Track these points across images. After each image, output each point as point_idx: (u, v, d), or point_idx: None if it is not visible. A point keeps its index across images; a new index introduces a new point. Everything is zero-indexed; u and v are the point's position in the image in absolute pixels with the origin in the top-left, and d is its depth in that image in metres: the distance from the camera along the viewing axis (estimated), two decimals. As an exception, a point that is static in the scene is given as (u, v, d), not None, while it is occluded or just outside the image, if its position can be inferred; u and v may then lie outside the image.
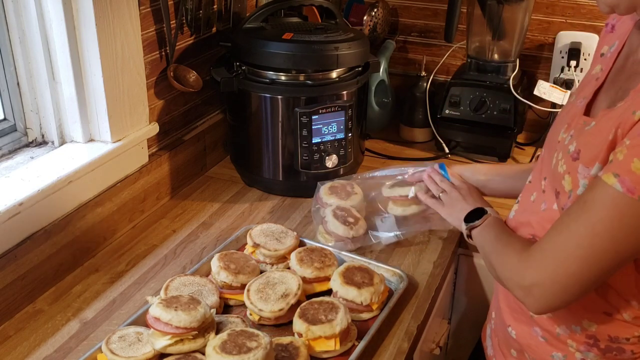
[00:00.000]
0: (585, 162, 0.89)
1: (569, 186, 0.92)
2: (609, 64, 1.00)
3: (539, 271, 0.90)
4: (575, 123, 0.97)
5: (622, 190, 0.80)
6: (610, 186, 0.82)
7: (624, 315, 0.95)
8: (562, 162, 0.94)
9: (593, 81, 1.01)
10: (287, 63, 1.48)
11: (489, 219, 1.12)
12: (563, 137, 0.98)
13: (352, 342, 1.11)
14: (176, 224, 1.49)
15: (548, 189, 1.02)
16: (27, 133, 1.36)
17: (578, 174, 0.91)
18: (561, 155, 0.96)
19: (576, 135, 0.94)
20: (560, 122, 1.03)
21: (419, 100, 1.92)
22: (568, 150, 0.93)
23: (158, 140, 1.55)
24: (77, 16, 1.26)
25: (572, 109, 1.02)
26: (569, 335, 0.99)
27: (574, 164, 0.91)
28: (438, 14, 1.99)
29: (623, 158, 0.81)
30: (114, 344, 1.03)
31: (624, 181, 0.80)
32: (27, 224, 1.20)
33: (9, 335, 1.14)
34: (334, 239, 1.36)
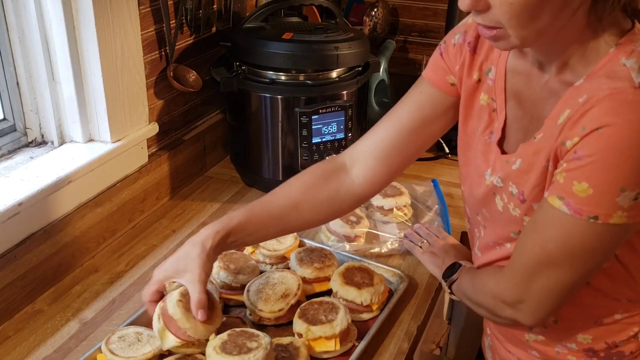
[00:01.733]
0: (534, 199, 0.89)
1: None
2: (500, 95, 0.97)
3: (517, 288, 0.91)
4: (498, 165, 0.95)
5: (570, 212, 0.81)
6: (557, 208, 0.82)
7: (616, 315, 0.95)
8: (512, 206, 0.93)
9: (491, 113, 0.98)
10: (287, 63, 1.48)
11: (464, 269, 1.12)
12: (491, 181, 0.97)
13: (352, 343, 1.11)
14: (176, 224, 1.49)
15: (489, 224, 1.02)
16: (27, 133, 1.35)
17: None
18: (506, 198, 0.94)
19: (506, 176, 0.93)
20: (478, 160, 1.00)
21: (419, 100, 1.91)
22: (511, 193, 0.93)
23: (158, 140, 1.55)
24: (77, 16, 1.26)
25: (482, 146, 0.99)
26: (567, 352, 0.99)
27: (525, 205, 0.91)
28: (438, 14, 1.99)
29: (564, 181, 0.81)
30: (114, 344, 1.03)
31: (569, 204, 0.81)
32: (27, 224, 1.19)
33: (9, 336, 1.14)
34: (335, 238, 1.36)
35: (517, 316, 0.93)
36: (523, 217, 0.92)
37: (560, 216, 0.82)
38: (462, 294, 1.10)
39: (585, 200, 0.79)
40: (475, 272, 1.08)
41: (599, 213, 0.79)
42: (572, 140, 0.79)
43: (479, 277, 1.03)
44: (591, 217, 0.79)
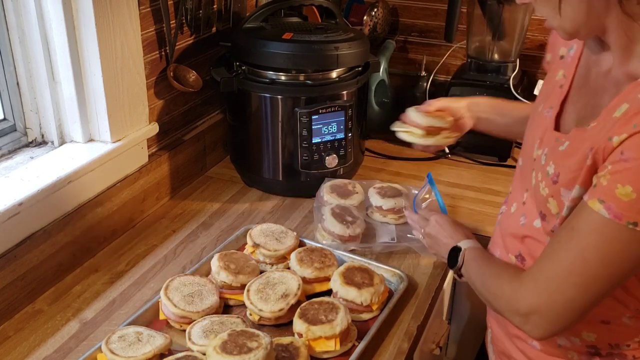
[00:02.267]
0: (565, 185, 0.89)
1: (555, 209, 0.92)
2: (571, 70, 0.98)
3: (534, 300, 0.90)
4: (547, 139, 0.96)
5: (609, 216, 0.80)
6: (596, 212, 0.81)
7: (624, 319, 0.95)
8: (543, 185, 0.94)
9: (557, 88, 1.00)
10: (287, 63, 1.48)
11: (466, 255, 1.10)
12: (538, 154, 0.97)
13: (352, 343, 1.11)
14: (176, 224, 1.49)
15: (529, 202, 1.01)
16: (27, 133, 1.36)
17: (562, 197, 0.90)
18: (540, 176, 0.95)
19: (551, 154, 0.93)
20: (532, 133, 1.02)
21: (419, 100, 1.91)
22: (547, 172, 0.93)
23: (158, 140, 1.55)
24: (77, 16, 1.26)
25: (541, 120, 1.00)
26: (569, 346, 0.99)
27: (555, 187, 0.91)
28: (438, 14, 1.99)
29: (607, 184, 0.80)
30: (114, 344, 1.03)
31: (609, 207, 0.80)
32: (27, 224, 1.19)
33: (9, 336, 1.14)
34: (330, 237, 1.36)
35: (526, 328, 0.92)
36: (548, 198, 0.92)
37: (599, 221, 0.81)
38: (471, 282, 1.09)
39: (627, 205, 0.78)
40: (485, 264, 1.06)
41: (638, 219, 0.78)
42: (620, 137, 0.78)
43: (492, 278, 1.01)
44: (630, 223, 0.79)
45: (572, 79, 0.98)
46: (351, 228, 1.36)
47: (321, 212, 1.41)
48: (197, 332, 1.08)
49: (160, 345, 1.04)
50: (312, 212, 1.52)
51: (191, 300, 1.13)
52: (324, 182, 1.51)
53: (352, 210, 1.41)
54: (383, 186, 1.50)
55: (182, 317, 1.12)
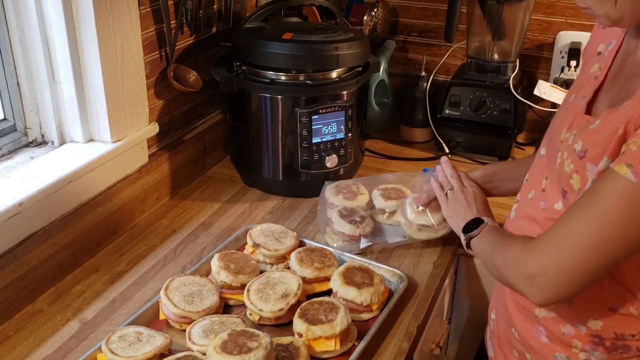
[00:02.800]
0: (592, 159, 0.89)
1: (578, 185, 0.92)
2: (608, 62, 0.99)
3: (543, 260, 0.89)
4: (577, 123, 0.97)
5: (635, 180, 0.80)
6: (622, 176, 0.82)
7: (631, 309, 0.95)
8: (568, 162, 0.94)
9: (592, 80, 1.01)
10: (287, 63, 1.48)
11: (486, 228, 1.11)
12: (566, 136, 0.98)
13: (352, 343, 1.11)
14: (176, 224, 1.49)
15: (550, 188, 1.01)
16: (27, 133, 1.36)
17: (587, 172, 0.91)
18: (567, 154, 0.95)
19: (579, 134, 0.94)
20: (561, 121, 1.03)
21: (419, 100, 1.92)
22: (574, 149, 0.93)
23: (158, 140, 1.55)
24: (77, 16, 1.26)
25: (572, 108, 1.01)
26: (574, 334, 0.99)
27: (581, 163, 0.91)
28: (438, 14, 1.99)
29: (637, 149, 0.81)
30: (114, 344, 1.03)
31: (637, 171, 0.80)
32: (27, 224, 1.19)
33: (9, 335, 1.14)
34: (340, 239, 1.36)
35: (530, 291, 0.91)
36: (572, 174, 0.92)
37: (624, 184, 0.81)
38: (480, 252, 1.09)
39: None
40: (502, 235, 1.07)
41: None
42: None
43: (505, 242, 1.02)
44: None
45: (607, 71, 0.99)
46: (361, 227, 1.36)
47: (327, 216, 1.41)
48: (197, 332, 1.08)
49: (161, 345, 1.04)
50: (312, 212, 1.52)
51: (191, 300, 1.13)
52: (326, 185, 1.49)
53: (358, 210, 1.40)
54: (387, 187, 1.48)
55: (182, 317, 1.12)
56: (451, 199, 1.26)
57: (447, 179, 1.30)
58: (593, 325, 0.97)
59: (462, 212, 1.21)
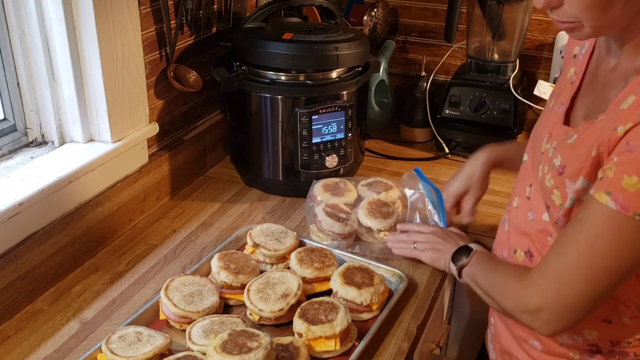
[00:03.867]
0: (570, 176, 0.89)
1: (559, 200, 0.92)
2: (582, 67, 0.99)
3: (543, 295, 0.90)
4: (556, 133, 0.97)
5: (616, 208, 0.80)
6: (603, 204, 0.82)
7: (624, 319, 0.95)
8: (549, 177, 0.94)
9: (569, 85, 1.01)
10: (287, 63, 1.48)
11: (476, 255, 1.11)
12: (546, 147, 0.98)
13: (352, 343, 1.11)
14: (176, 224, 1.49)
15: (534, 196, 1.01)
16: (27, 133, 1.36)
17: (566, 188, 0.91)
18: (547, 168, 0.95)
19: (559, 147, 0.94)
20: (542, 129, 1.03)
21: (419, 100, 1.92)
22: (553, 164, 0.93)
23: (158, 140, 1.55)
24: (77, 16, 1.26)
25: (552, 116, 1.01)
26: (571, 344, 0.99)
27: (560, 179, 0.91)
28: (438, 14, 1.99)
29: (613, 175, 0.81)
30: (114, 344, 1.03)
31: (617, 199, 0.80)
32: (27, 224, 1.20)
33: (9, 335, 1.14)
34: (329, 237, 1.36)
35: (535, 324, 0.92)
36: (553, 190, 0.92)
37: (607, 213, 0.81)
38: (473, 282, 1.09)
39: (633, 196, 0.79)
40: (493, 265, 1.06)
41: None
42: (625, 126, 0.79)
43: (500, 277, 1.01)
44: (637, 214, 0.79)
45: (582, 76, 0.99)
46: (349, 225, 1.36)
47: (314, 213, 1.42)
48: (197, 332, 1.08)
49: (161, 345, 1.04)
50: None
51: (191, 300, 1.13)
52: (314, 184, 1.50)
53: (341, 206, 1.41)
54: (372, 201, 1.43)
55: (182, 317, 1.12)
56: (424, 244, 1.27)
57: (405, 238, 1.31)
58: (589, 335, 0.97)
59: (443, 248, 1.23)
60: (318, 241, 1.37)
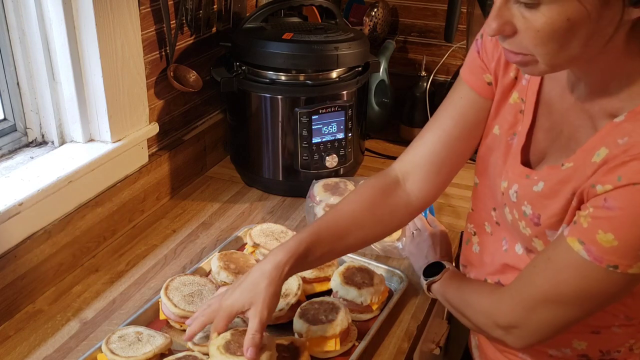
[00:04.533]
0: (550, 227, 0.87)
1: (542, 247, 0.91)
2: (532, 97, 0.93)
3: (512, 315, 0.90)
4: (514, 174, 0.93)
5: (589, 258, 0.79)
6: (575, 252, 0.80)
7: (613, 328, 0.94)
8: (523, 225, 0.91)
9: (517, 114, 0.95)
10: (287, 63, 1.48)
11: (447, 273, 1.11)
12: (505, 188, 0.94)
13: (352, 342, 1.11)
14: (176, 224, 1.49)
15: (502, 221, 0.99)
16: (27, 133, 1.36)
17: (548, 237, 0.89)
18: (517, 215, 0.92)
19: (524, 193, 0.90)
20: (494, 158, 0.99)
21: (419, 100, 1.92)
22: (523, 212, 0.90)
23: (158, 140, 1.55)
24: (77, 16, 1.26)
25: (504, 147, 0.96)
26: (561, 356, 0.99)
27: (539, 229, 0.89)
28: (438, 14, 1.99)
29: (588, 226, 0.79)
30: (114, 344, 1.03)
31: (590, 250, 0.79)
32: (27, 224, 1.19)
33: (9, 335, 1.14)
34: None
35: (507, 339, 0.93)
36: (533, 238, 0.91)
37: (578, 260, 0.80)
38: (443, 298, 1.09)
39: (608, 250, 0.78)
40: (464, 282, 1.07)
41: (619, 263, 0.77)
42: (605, 187, 0.77)
43: (472, 293, 1.01)
44: (611, 266, 0.78)
45: (535, 106, 0.93)
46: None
47: (314, 213, 1.41)
48: (197, 332, 1.08)
49: (161, 345, 1.04)
50: (312, 212, 1.53)
51: (191, 300, 1.13)
52: (314, 184, 1.50)
53: None
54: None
55: (183, 317, 1.12)
56: (416, 237, 1.28)
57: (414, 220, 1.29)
58: (578, 346, 0.97)
59: (424, 252, 1.22)
60: None
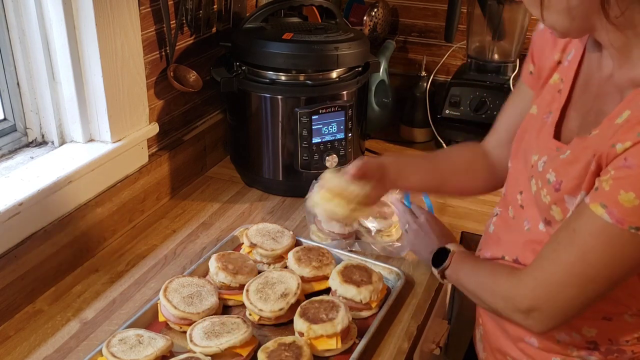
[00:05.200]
0: (570, 192, 0.89)
1: (560, 216, 0.92)
2: (570, 75, 0.97)
3: (534, 296, 0.90)
4: (545, 147, 0.95)
5: (611, 221, 0.80)
6: (598, 217, 0.82)
7: (625, 316, 0.95)
8: (544, 192, 0.93)
9: (555, 93, 0.98)
10: (287, 63, 1.48)
11: (455, 256, 1.11)
12: (535, 160, 0.96)
13: (352, 341, 1.11)
14: (176, 224, 1.49)
15: (527, 204, 1.00)
16: (27, 133, 1.36)
17: (566, 204, 0.90)
18: (541, 183, 0.94)
19: (551, 162, 0.93)
20: (529, 137, 1.01)
21: (419, 100, 1.92)
22: (547, 180, 0.92)
23: (158, 140, 1.55)
24: (77, 16, 1.26)
25: (538, 124, 0.99)
26: (569, 341, 0.99)
27: (558, 195, 0.90)
28: (438, 14, 1.99)
29: (609, 189, 0.80)
30: (115, 347, 1.03)
31: (612, 212, 0.80)
32: (27, 224, 1.19)
33: (9, 335, 1.14)
34: (329, 237, 1.36)
35: (527, 323, 0.92)
36: (552, 205, 0.92)
37: (601, 225, 0.81)
38: (459, 284, 1.09)
39: (630, 211, 0.79)
40: (478, 264, 1.06)
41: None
42: (624, 144, 0.78)
43: (488, 276, 1.01)
44: (633, 227, 0.79)
45: (572, 84, 0.97)
46: (348, 225, 1.36)
47: (314, 213, 1.41)
48: (198, 333, 1.07)
49: (162, 347, 1.04)
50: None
51: (190, 302, 1.13)
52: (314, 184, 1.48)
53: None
54: None
55: (182, 319, 1.12)
56: (410, 232, 1.28)
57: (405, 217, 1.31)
58: (587, 333, 0.97)
59: (424, 245, 1.23)
60: (318, 241, 1.37)
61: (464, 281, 1.07)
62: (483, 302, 1.02)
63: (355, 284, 1.17)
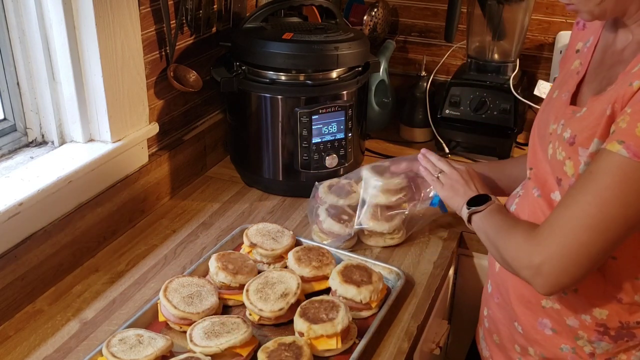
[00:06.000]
0: (582, 144, 0.91)
1: (572, 170, 0.93)
2: (587, 57, 1.02)
3: (548, 247, 0.90)
4: (563, 113, 0.98)
5: (628, 155, 0.82)
6: (615, 153, 0.83)
7: (636, 297, 0.96)
8: (559, 150, 0.96)
9: (574, 75, 1.03)
10: (287, 63, 1.48)
11: (492, 206, 1.10)
12: (554, 128, 0.99)
13: (352, 341, 1.11)
14: (176, 224, 1.49)
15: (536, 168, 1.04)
16: (27, 133, 1.36)
17: (579, 157, 0.92)
18: (557, 143, 0.97)
19: (567, 123, 0.96)
20: (547, 116, 1.04)
21: (419, 100, 1.92)
22: (563, 137, 0.95)
23: (158, 140, 1.55)
24: (77, 16, 1.26)
25: (557, 102, 1.03)
26: (579, 326, 0.99)
27: (572, 149, 0.92)
28: (438, 14, 1.99)
29: (626, 126, 0.82)
30: (115, 347, 1.03)
31: (629, 146, 0.82)
32: (27, 224, 1.19)
33: (9, 335, 1.14)
34: (330, 237, 1.36)
35: (535, 280, 0.92)
36: (565, 161, 0.93)
37: (617, 160, 0.83)
38: (482, 231, 1.08)
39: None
40: (508, 217, 1.06)
41: None
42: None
43: (510, 228, 1.01)
44: None
45: (587, 65, 1.01)
46: (349, 226, 1.36)
47: (317, 214, 1.41)
48: (198, 333, 1.07)
49: (162, 347, 1.04)
50: (312, 212, 1.53)
51: (190, 302, 1.13)
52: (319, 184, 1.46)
53: (345, 208, 1.40)
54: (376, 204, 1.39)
55: (182, 319, 1.12)
56: (446, 179, 1.23)
57: (434, 164, 1.28)
58: (598, 315, 0.97)
59: (462, 190, 1.19)
60: (319, 242, 1.37)
61: (487, 229, 1.06)
62: (497, 252, 1.01)
63: (355, 284, 1.17)
